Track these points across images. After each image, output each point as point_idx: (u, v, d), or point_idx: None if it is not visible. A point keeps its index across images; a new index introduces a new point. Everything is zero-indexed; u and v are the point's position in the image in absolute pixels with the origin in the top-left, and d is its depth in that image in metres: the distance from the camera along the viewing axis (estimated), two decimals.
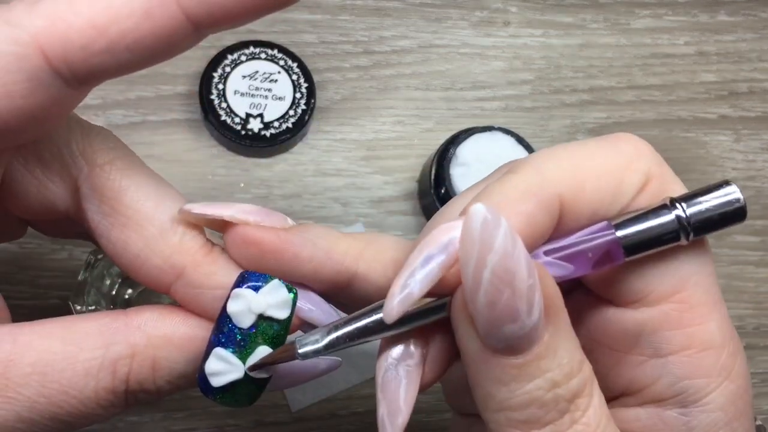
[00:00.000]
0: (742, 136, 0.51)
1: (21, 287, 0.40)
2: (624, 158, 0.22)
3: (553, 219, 0.21)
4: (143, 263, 0.22)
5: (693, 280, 0.22)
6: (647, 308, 0.22)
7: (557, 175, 0.21)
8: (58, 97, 0.20)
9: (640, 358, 0.22)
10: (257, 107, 0.44)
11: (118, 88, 0.45)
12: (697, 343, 0.21)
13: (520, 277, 0.18)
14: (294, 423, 0.41)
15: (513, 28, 0.51)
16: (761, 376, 0.46)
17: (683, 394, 0.22)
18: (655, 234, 0.20)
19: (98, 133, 0.23)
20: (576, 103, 0.50)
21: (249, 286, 0.22)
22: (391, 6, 0.49)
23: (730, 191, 0.21)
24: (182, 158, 0.44)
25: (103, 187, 0.22)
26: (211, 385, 0.21)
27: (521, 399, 0.19)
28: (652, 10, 0.53)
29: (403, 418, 0.21)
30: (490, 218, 0.18)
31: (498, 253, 0.18)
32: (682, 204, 0.21)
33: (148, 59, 0.20)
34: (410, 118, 0.47)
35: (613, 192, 0.21)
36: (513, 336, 0.18)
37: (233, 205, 0.22)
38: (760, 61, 0.53)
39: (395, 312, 0.19)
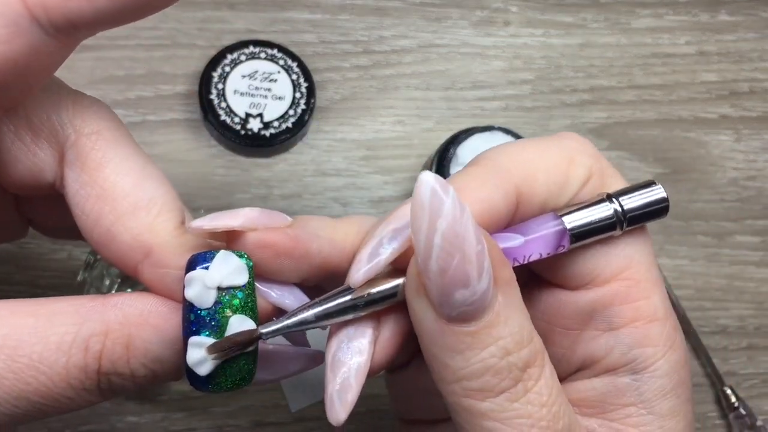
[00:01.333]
0: (743, 136, 0.51)
1: (20, 287, 0.40)
2: (569, 154, 0.24)
3: (510, 207, 0.22)
4: (113, 239, 0.22)
5: (636, 260, 0.24)
6: (598, 288, 0.24)
7: (513, 167, 0.23)
8: (39, 46, 0.20)
9: (593, 333, 0.24)
10: (257, 107, 0.44)
11: (118, 88, 0.44)
12: (645, 315, 0.23)
13: (469, 242, 0.19)
14: (294, 423, 0.41)
15: (513, 28, 0.50)
16: (762, 376, 0.46)
17: (634, 362, 0.23)
18: (596, 225, 0.23)
19: (90, 103, 0.23)
20: (576, 102, 0.50)
21: (197, 266, 0.21)
22: (391, 5, 0.49)
23: (657, 191, 0.24)
24: (182, 158, 0.44)
25: (87, 156, 0.22)
26: (200, 375, 0.21)
27: (476, 367, 0.20)
28: (653, 9, 0.52)
29: (353, 395, 0.21)
30: (438, 186, 0.19)
31: (447, 219, 0.18)
32: (618, 199, 0.23)
33: (128, 9, 0.20)
34: (410, 118, 0.47)
35: (561, 185, 0.23)
36: (465, 302, 0.19)
37: (239, 214, 0.22)
38: (761, 60, 0.53)
39: (362, 278, 0.21)
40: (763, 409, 0.46)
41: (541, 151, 0.24)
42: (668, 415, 0.23)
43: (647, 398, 0.23)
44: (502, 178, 0.22)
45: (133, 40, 0.45)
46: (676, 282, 0.47)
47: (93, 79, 0.44)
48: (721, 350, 0.46)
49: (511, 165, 0.23)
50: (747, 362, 0.46)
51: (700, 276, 0.47)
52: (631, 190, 0.24)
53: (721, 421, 0.45)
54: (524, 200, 0.23)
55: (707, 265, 0.48)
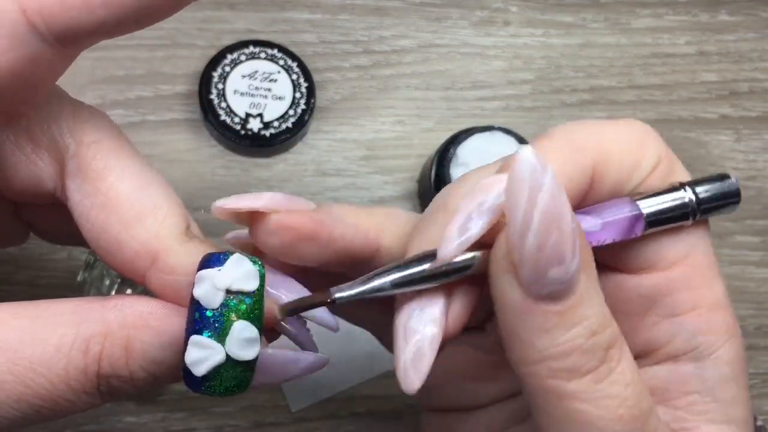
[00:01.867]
0: (743, 136, 0.51)
1: (20, 287, 0.40)
2: (640, 137, 0.23)
3: (585, 185, 0.22)
4: (120, 247, 0.22)
5: (698, 249, 0.24)
6: (660, 272, 0.23)
7: (590, 145, 0.22)
8: (39, 56, 0.20)
9: (654, 319, 0.24)
10: (257, 107, 0.44)
11: (118, 88, 0.44)
12: (708, 302, 0.23)
13: (566, 219, 0.19)
14: (294, 423, 0.41)
15: (513, 28, 0.50)
16: (762, 376, 0.46)
17: (697, 349, 0.23)
18: (670, 212, 0.23)
19: (90, 112, 0.23)
20: (576, 102, 0.50)
21: (210, 266, 0.21)
22: (391, 5, 0.49)
23: (732, 183, 0.24)
24: (182, 158, 0.44)
25: (88, 166, 0.22)
26: (195, 375, 0.20)
27: (563, 347, 0.20)
28: (653, 9, 0.52)
29: (428, 362, 0.21)
30: (539, 161, 0.18)
31: (548, 193, 0.18)
32: (693, 187, 0.23)
33: (128, 20, 0.20)
34: (410, 118, 0.47)
35: (633, 167, 0.23)
36: (558, 281, 0.19)
37: (263, 195, 0.22)
38: (761, 60, 0.53)
39: (453, 252, 0.20)
40: (763, 409, 0.46)
41: (615, 132, 0.23)
42: (731, 403, 0.23)
43: (710, 386, 0.23)
44: (579, 156, 0.22)
45: (133, 40, 0.45)
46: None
47: (93, 79, 0.44)
48: None
49: (588, 143, 0.22)
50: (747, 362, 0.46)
51: None
52: (706, 180, 0.24)
53: None
54: (597, 180, 0.22)
55: None
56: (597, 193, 0.23)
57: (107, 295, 0.38)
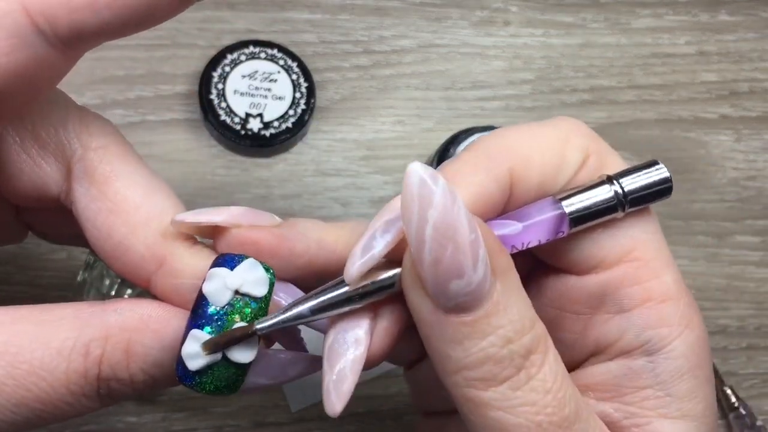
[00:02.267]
0: (743, 136, 0.51)
1: (20, 287, 0.40)
2: (564, 134, 0.23)
3: (504, 192, 0.22)
4: (126, 251, 0.22)
5: (642, 240, 0.23)
6: (606, 271, 0.23)
7: (506, 151, 0.22)
8: (42, 58, 0.20)
9: (605, 317, 0.24)
10: (257, 107, 0.44)
11: (118, 88, 0.44)
12: (656, 294, 0.23)
13: (462, 232, 0.18)
14: (294, 423, 0.41)
15: (513, 28, 0.50)
16: (762, 376, 0.46)
17: (649, 343, 0.23)
18: (595, 207, 0.22)
19: (95, 118, 0.24)
20: (576, 102, 0.50)
21: (224, 265, 0.21)
22: (391, 5, 0.49)
23: (660, 170, 0.23)
24: (182, 158, 0.44)
25: (95, 170, 0.23)
26: (188, 368, 0.21)
27: (476, 356, 0.20)
28: (653, 9, 0.52)
29: (348, 386, 0.21)
30: (427, 176, 0.18)
31: (438, 209, 0.18)
32: (619, 180, 0.23)
33: (132, 21, 0.20)
34: (410, 118, 0.47)
35: (557, 166, 0.23)
36: (461, 293, 0.19)
37: (223, 210, 0.22)
38: (761, 60, 0.53)
39: (356, 272, 0.20)
40: (763, 409, 0.46)
41: (534, 134, 0.23)
42: (686, 396, 0.23)
43: (663, 380, 0.23)
44: (494, 163, 0.22)
45: (133, 40, 0.45)
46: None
47: (93, 79, 0.44)
48: (721, 350, 0.46)
49: (503, 148, 0.22)
50: (747, 362, 0.46)
51: (700, 276, 0.47)
52: (632, 171, 0.23)
53: (721, 421, 0.45)
54: (519, 184, 0.22)
55: (707, 265, 0.48)
56: (521, 197, 0.23)
57: (107, 295, 0.38)
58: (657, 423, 0.23)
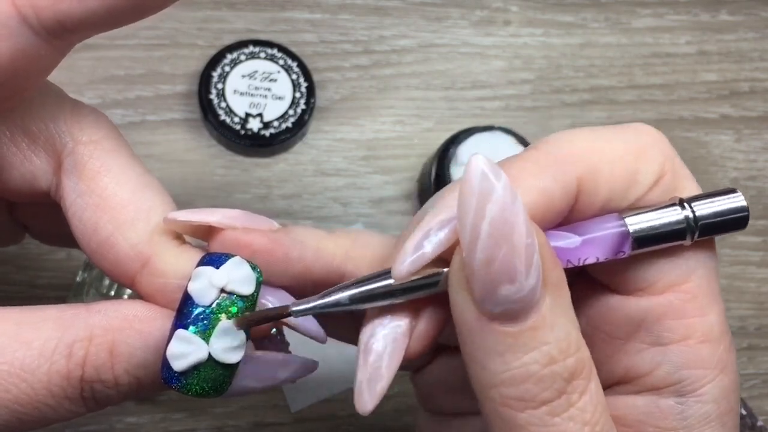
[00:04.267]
0: (744, 136, 0.51)
1: (19, 287, 0.40)
2: (640, 147, 0.21)
3: (568, 202, 0.21)
4: (111, 248, 0.22)
5: (697, 273, 0.22)
6: (652, 297, 0.22)
7: (576, 157, 0.21)
8: (29, 48, 0.20)
9: (639, 346, 0.22)
10: (256, 107, 0.44)
11: (117, 88, 0.44)
12: (698, 334, 0.21)
13: (519, 232, 0.17)
14: (294, 423, 0.41)
15: (513, 28, 0.50)
16: (763, 376, 0.46)
17: (681, 383, 0.22)
18: (662, 231, 0.21)
19: (89, 112, 0.23)
20: (577, 102, 0.49)
21: (210, 263, 0.21)
22: (391, 5, 0.49)
23: (736, 199, 0.21)
24: (181, 158, 0.44)
25: (85, 165, 0.22)
26: (173, 370, 0.20)
27: (516, 372, 0.18)
28: (653, 9, 0.52)
29: (383, 385, 0.20)
30: (490, 169, 0.17)
31: (497, 204, 0.17)
32: (691, 205, 0.21)
33: (120, 12, 0.20)
34: (410, 118, 0.47)
35: (628, 182, 0.21)
36: (510, 299, 0.18)
37: (218, 211, 0.22)
38: (761, 60, 0.53)
39: (405, 270, 0.19)
40: (763, 410, 0.46)
41: (608, 141, 0.21)
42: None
43: (690, 424, 0.21)
44: (562, 168, 0.20)
45: (133, 40, 0.45)
46: None
47: (93, 79, 0.44)
48: None
49: (574, 154, 0.21)
50: (747, 363, 0.46)
51: None
52: (706, 196, 0.21)
53: None
54: (585, 195, 0.21)
55: None
56: (586, 210, 0.21)
57: (106, 295, 0.38)
58: None
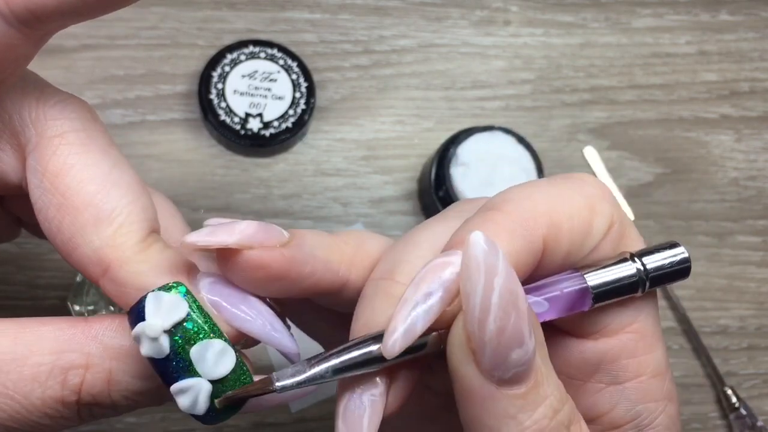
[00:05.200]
0: (744, 136, 0.51)
1: (19, 287, 0.40)
2: (591, 201, 0.22)
3: (535, 260, 0.21)
4: (73, 250, 0.21)
5: (643, 314, 0.23)
6: (607, 339, 0.23)
7: (539, 216, 0.21)
8: (1, 39, 0.19)
9: (598, 386, 0.23)
10: (256, 107, 0.44)
11: (117, 88, 0.44)
12: (649, 370, 0.23)
13: (522, 299, 0.18)
14: (294, 423, 0.41)
15: (513, 28, 0.50)
16: (763, 376, 0.46)
17: (638, 419, 0.23)
18: (619, 285, 0.22)
19: (58, 102, 0.22)
20: (577, 102, 0.49)
21: (137, 319, 0.20)
22: (391, 5, 0.49)
23: (679, 251, 0.23)
24: (181, 158, 0.44)
25: (48, 161, 0.21)
26: (201, 415, 0.21)
27: (531, 430, 0.19)
28: (653, 9, 0.52)
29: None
30: (491, 245, 0.18)
31: (503, 276, 0.18)
32: (641, 259, 0.22)
33: (93, 2, 0.19)
34: (410, 118, 0.47)
35: (584, 234, 0.22)
36: (519, 363, 0.19)
37: (234, 229, 0.21)
38: (761, 60, 0.53)
39: (398, 347, 0.19)
40: (763, 410, 0.46)
41: (564, 197, 0.22)
42: None
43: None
44: (529, 229, 0.21)
45: (133, 40, 0.45)
46: (677, 282, 0.47)
47: (93, 79, 0.44)
48: (722, 350, 0.46)
49: (537, 213, 0.21)
50: (747, 362, 0.46)
51: (700, 276, 0.47)
52: (653, 250, 0.23)
53: (722, 422, 0.45)
54: (549, 252, 0.22)
55: (708, 265, 0.47)
56: (548, 264, 0.22)
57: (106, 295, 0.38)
58: None
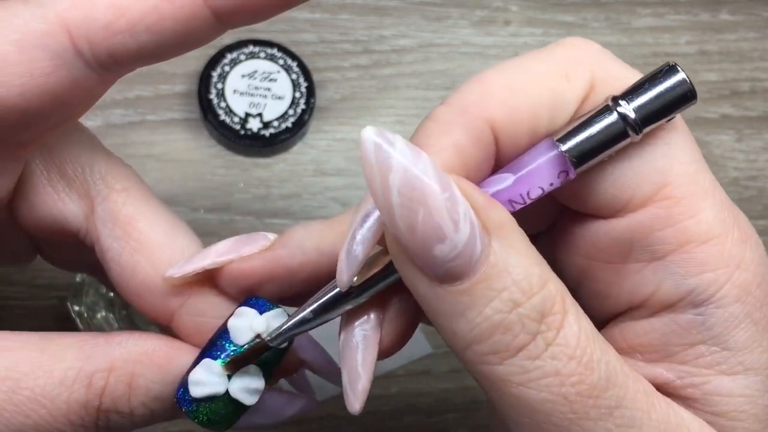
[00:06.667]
0: (744, 136, 0.51)
1: (19, 287, 0.40)
2: (560, 65, 0.20)
3: (486, 148, 0.20)
4: (150, 289, 0.23)
5: (674, 171, 0.20)
6: (632, 214, 0.20)
7: (484, 99, 0.20)
8: (81, 80, 0.20)
9: (637, 266, 0.20)
10: (256, 107, 0.44)
11: (117, 88, 0.44)
12: (695, 236, 0.20)
13: (431, 192, 0.17)
14: (294, 424, 0.41)
15: (514, 27, 0.50)
16: None
17: (693, 293, 0.20)
18: (600, 138, 0.19)
19: (119, 162, 0.24)
20: None
21: (254, 306, 0.22)
22: (391, 5, 0.49)
23: (673, 75, 0.19)
24: (181, 158, 0.44)
25: (119, 211, 0.23)
26: (190, 394, 0.21)
27: (483, 327, 0.18)
28: (654, 9, 0.52)
29: (363, 384, 0.21)
30: (381, 139, 0.17)
31: (398, 172, 0.17)
32: (625, 100, 0.19)
33: (170, 45, 0.20)
34: (410, 118, 0.47)
35: (550, 106, 0.20)
36: (447, 258, 0.17)
37: (209, 251, 0.23)
38: (761, 60, 0.53)
39: (345, 278, 0.19)
40: None
41: (522, 71, 0.20)
42: (746, 347, 0.20)
43: (717, 333, 0.20)
44: (470, 117, 0.19)
45: None
46: None
47: None
48: None
49: (482, 97, 0.20)
50: None
51: None
52: (640, 84, 0.19)
53: None
54: (505, 135, 0.20)
55: None
56: (512, 148, 0.20)
57: (105, 295, 0.38)
58: (716, 381, 0.20)
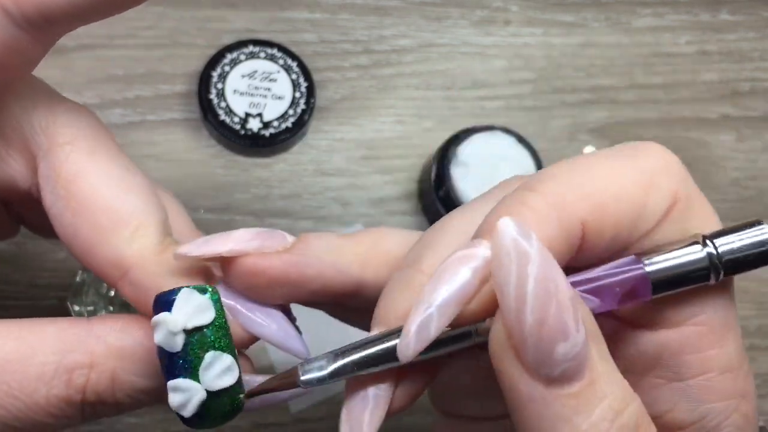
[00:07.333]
0: (745, 136, 0.51)
1: (19, 287, 0.40)
2: (647, 176, 0.20)
3: (572, 247, 0.19)
4: (91, 253, 0.21)
5: (713, 303, 0.20)
6: (667, 330, 0.21)
7: (579, 197, 0.19)
8: (11, 41, 0.19)
9: (657, 381, 0.21)
10: (256, 107, 0.44)
11: (117, 88, 0.44)
12: (717, 366, 0.20)
13: (562, 287, 0.17)
14: (294, 424, 0.41)
15: (514, 27, 0.50)
16: (763, 377, 0.46)
17: (704, 419, 0.20)
18: (684, 272, 0.19)
19: (67, 109, 0.22)
20: (577, 102, 0.49)
21: (162, 308, 0.20)
22: (391, 5, 0.49)
23: (761, 231, 0.20)
24: (181, 158, 0.44)
25: (61, 167, 0.21)
26: (185, 417, 0.20)
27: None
28: (654, 9, 0.52)
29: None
30: (522, 230, 0.17)
31: (537, 263, 0.17)
32: (714, 242, 0.19)
33: (104, 4, 0.19)
34: (410, 118, 0.47)
35: (635, 216, 0.20)
36: (567, 357, 0.17)
37: (229, 237, 0.21)
38: (762, 60, 0.53)
39: (411, 351, 0.18)
40: (763, 410, 0.45)
41: (611, 172, 0.20)
42: None
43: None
44: (564, 213, 0.19)
45: (133, 40, 0.45)
46: None
47: (92, 79, 0.44)
48: None
49: (576, 194, 0.19)
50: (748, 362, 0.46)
51: None
52: (730, 231, 0.20)
53: None
54: (590, 236, 0.19)
55: None
56: (591, 250, 0.20)
57: (105, 295, 0.38)
58: None
